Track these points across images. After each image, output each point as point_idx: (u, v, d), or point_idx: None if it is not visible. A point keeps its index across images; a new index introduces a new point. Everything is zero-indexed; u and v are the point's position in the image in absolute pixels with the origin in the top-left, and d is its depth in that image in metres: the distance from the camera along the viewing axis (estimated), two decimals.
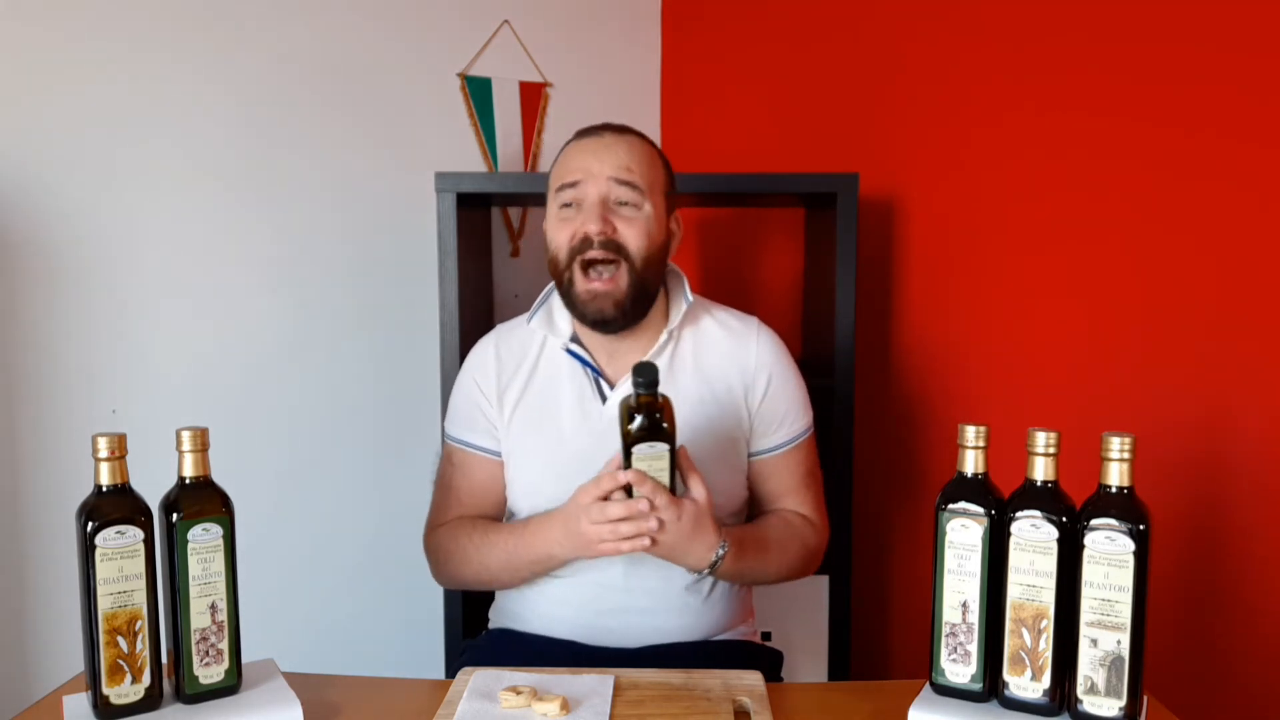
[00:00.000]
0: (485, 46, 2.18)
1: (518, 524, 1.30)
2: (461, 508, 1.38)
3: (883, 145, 2.02)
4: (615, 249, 1.26)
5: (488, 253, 2.17)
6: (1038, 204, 1.73)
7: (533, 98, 2.23)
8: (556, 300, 1.38)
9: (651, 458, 1.11)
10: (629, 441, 1.10)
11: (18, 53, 1.74)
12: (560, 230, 1.29)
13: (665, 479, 1.13)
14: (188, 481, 0.97)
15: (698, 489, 1.16)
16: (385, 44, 2.08)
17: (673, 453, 1.12)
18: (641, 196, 1.28)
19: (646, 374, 1.09)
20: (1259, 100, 1.41)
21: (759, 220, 2.30)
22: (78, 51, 1.79)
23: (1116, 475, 0.90)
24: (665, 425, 1.10)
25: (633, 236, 1.26)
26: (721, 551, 1.19)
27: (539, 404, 1.34)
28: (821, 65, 2.14)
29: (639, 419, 1.09)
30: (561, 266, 1.28)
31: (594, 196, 1.26)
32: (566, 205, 1.29)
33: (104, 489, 0.93)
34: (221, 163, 1.93)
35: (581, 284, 1.27)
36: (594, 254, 1.25)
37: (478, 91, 2.17)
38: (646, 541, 1.13)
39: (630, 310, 1.28)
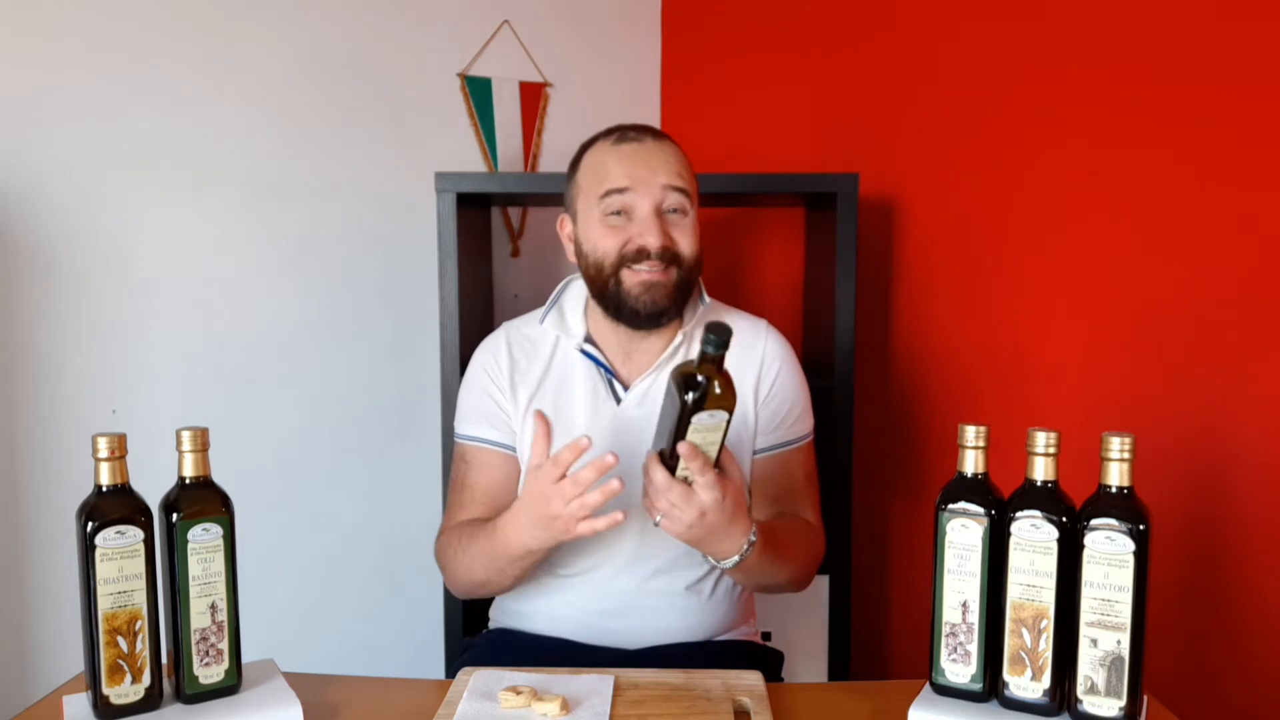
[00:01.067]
0: (485, 46, 2.18)
1: (489, 524, 1.23)
2: (476, 506, 1.33)
3: (883, 145, 2.02)
4: (671, 258, 1.25)
5: (488, 253, 2.17)
6: (1037, 204, 1.73)
7: (533, 98, 2.23)
8: (568, 301, 1.37)
9: (709, 429, 1.02)
10: (688, 411, 1.00)
11: (18, 52, 1.74)
12: (608, 237, 1.26)
13: (713, 454, 1.05)
14: (188, 481, 0.97)
15: (734, 471, 1.11)
16: (385, 44, 2.08)
17: (728, 425, 1.03)
18: (690, 203, 1.28)
19: (721, 333, 1.00)
20: (1258, 102, 1.41)
21: (759, 220, 2.30)
22: (78, 51, 1.79)
23: (1116, 475, 0.90)
24: (726, 393, 1.01)
25: (685, 244, 1.27)
26: (752, 539, 1.13)
27: (552, 404, 1.32)
28: (821, 65, 2.14)
29: (703, 382, 1.00)
30: (608, 272, 1.26)
31: (647, 206, 1.25)
32: (615, 213, 1.27)
33: (104, 489, 0.93)
34: (221, 162, 1.93)
35: (632, 279, 1.25)
36: (649, 265, 1.24)
37: (478, 91, 2.17)
38: (620, 516, 1.06)
39: (680, 302, 1.28)
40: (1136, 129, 1.57)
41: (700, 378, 1.00)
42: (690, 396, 1.00)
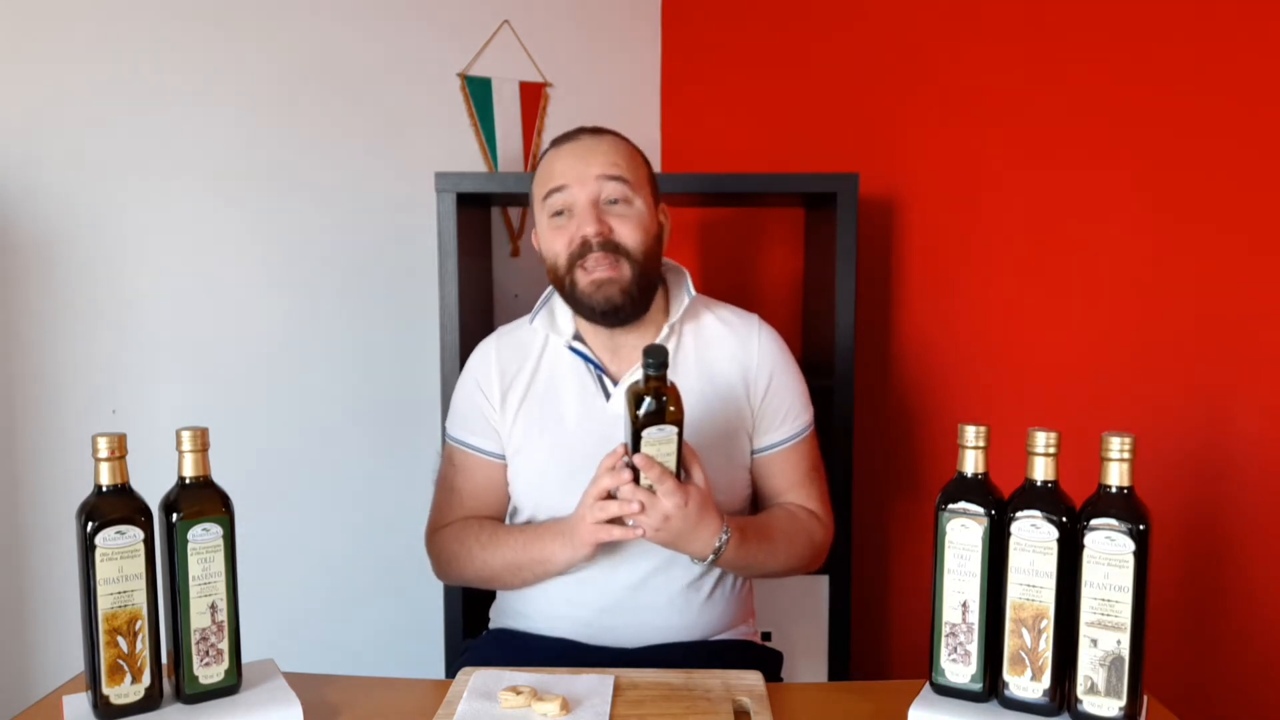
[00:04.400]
0: (485, 46, 2.18)
1: (530, 526, 1.31)
2: (464, 509, 1.38)
3: (883, 145, 2.02)
4: (614, 249, 1.26)
5: (488, 253, 2.17)
6: (1038, 204, 1.73)
7: (533, 98, 2.24)
8: (558, 300, 1.38)
9: (660, 441, 1.11)
10: (638, 426, 1.10)
11: (19, 52, 1.74)
12: (556, 238, 1.29)
13: (672, 464, 1.13)
14: (188, 481, 0.97)
15: (698, 475, 1.17)
16: (385, 44, 2.08)
17: (680, 437, 1.12)
18: (631, 191, 1.28)
19: (656, 355, 1.10)
20: (1259, 102, 1.41)
21: (759, 220, 2.30)
22: (78, 51, 1.79)
23: (1116, 475, 0.90)
24: (673, 409, 1.11)
25: (629, 233, 1.27)
26: (725, 537, 1.19)
27: (543, 402, 1.34)
28: (821, 65, 2.14)
29: (648, 402, 1.10)
30: (562, 272, 1.29)
31: (585, 199, 1.27)
32: (558, 213, 1.29)
33: (104, 489, 0.93)
34: (222, 162, 1.93)
35: (584, 279, 1.27)
36: (595, 256, 1.25)
37: (478, 91, 2.18)
38: (639, 531, 1.14)
39: (637, 298, 1.28)
40: (1138, 129, 1.57)
41: (646, 397, 1.10)
42: (639, 413, 1.10)
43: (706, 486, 1.17)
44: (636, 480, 1.14)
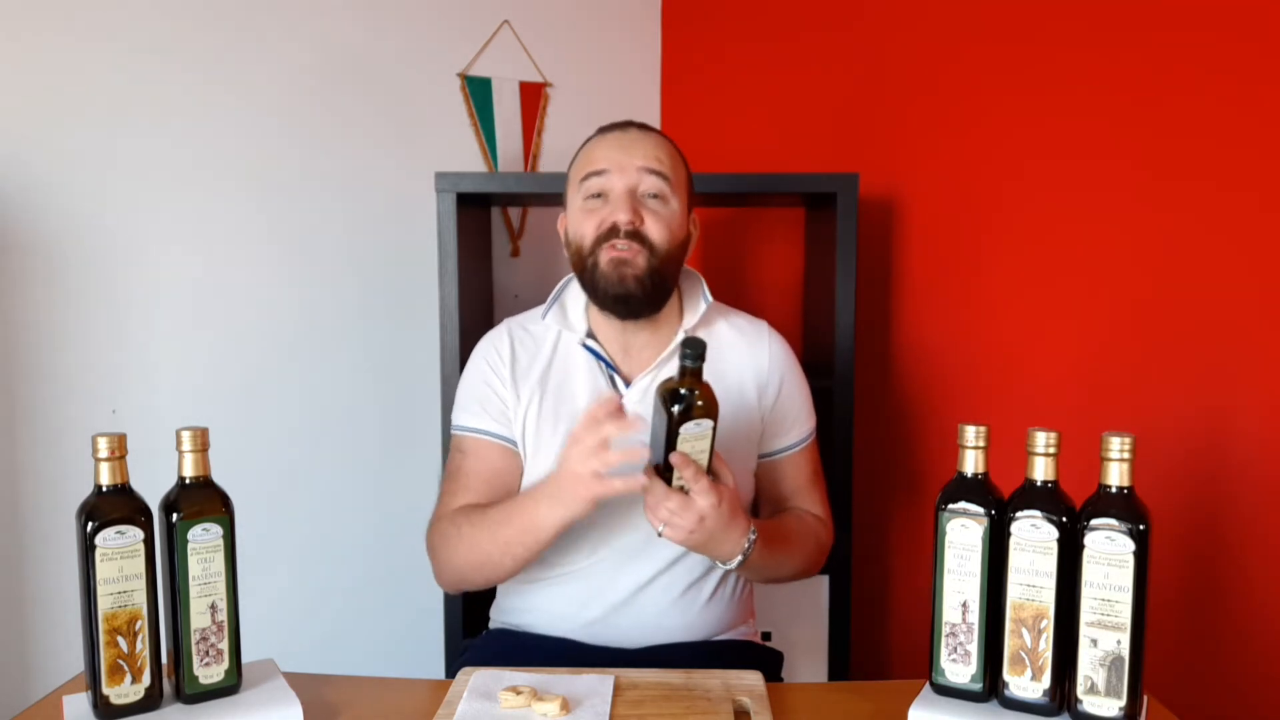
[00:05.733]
0: (485, 46, 2.18)
1: (505, 501, 1.24)
2: (470, 493, 1.31)
3: (883, 145, 2.02)
4: (639, 240, 1.25)
5: (488, 253, 2.17)
6: (1038, 204, 1.73)
7: (533, 98, 2.24)
8: (570, 296, 1.38)
9: (696, 438, 1.07)
10: (675, 423, 1.05)
11: (20, 52, 1.74)
12: (586, 220, 1.28)
13: (704, 462, 1.09)
14: (188, 481, 0.97)
15: (727, 475, 1.15)
16: (385, 44, 2.08)
17: (714, 432, 1.09)
18: (669, 188, 1.28)
19: (695, 347, 1.07)
20: (1259, 102, 1.41)
21: (759, 220, 2.30)
22: (80, 51, 1.79)
23: (1116, 475, 0.90)
24: (706, 403, 1.07)
25: (657, 230, 1.27)
26: (753, 538, 1.17)
27: (555, 399, 1.32)
28: (821, 65, 2.14)
29: (686, 394, 1.06)
30: (586, 254, 1.28)
31: (622, 187, 1.27)
32: (594, 195, 1.28)
33: (104, 489, 0.93)
34: (222, 162, 1.93)
35: (605, 256, 1.26)
36: (619, 243, 1.25)
37: (478, 91, 2.18)
38: (642, 481, 1.07)
39: (650, 290, 1.27)
40: (1137, 129, 1.56)
41: (683, 390, 1.07)
42: (675, 409, 1.06)
43: (736, 487, 1.16)
44: (668, 482, 1.09)
